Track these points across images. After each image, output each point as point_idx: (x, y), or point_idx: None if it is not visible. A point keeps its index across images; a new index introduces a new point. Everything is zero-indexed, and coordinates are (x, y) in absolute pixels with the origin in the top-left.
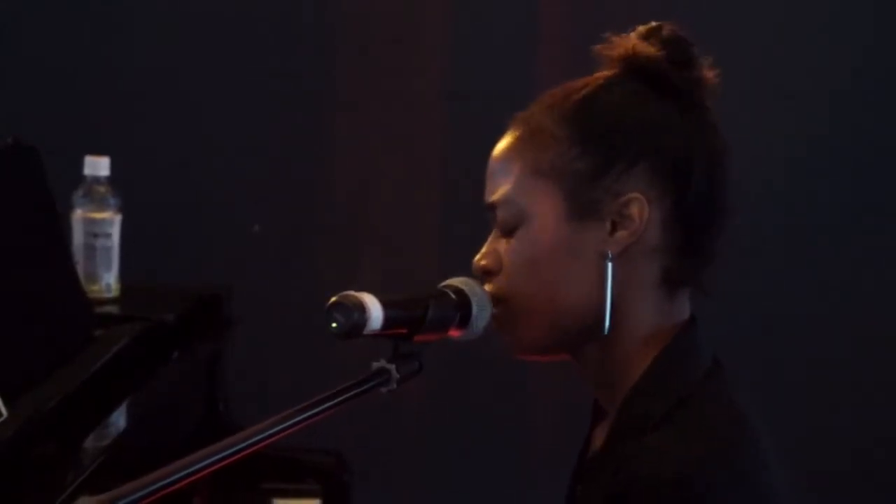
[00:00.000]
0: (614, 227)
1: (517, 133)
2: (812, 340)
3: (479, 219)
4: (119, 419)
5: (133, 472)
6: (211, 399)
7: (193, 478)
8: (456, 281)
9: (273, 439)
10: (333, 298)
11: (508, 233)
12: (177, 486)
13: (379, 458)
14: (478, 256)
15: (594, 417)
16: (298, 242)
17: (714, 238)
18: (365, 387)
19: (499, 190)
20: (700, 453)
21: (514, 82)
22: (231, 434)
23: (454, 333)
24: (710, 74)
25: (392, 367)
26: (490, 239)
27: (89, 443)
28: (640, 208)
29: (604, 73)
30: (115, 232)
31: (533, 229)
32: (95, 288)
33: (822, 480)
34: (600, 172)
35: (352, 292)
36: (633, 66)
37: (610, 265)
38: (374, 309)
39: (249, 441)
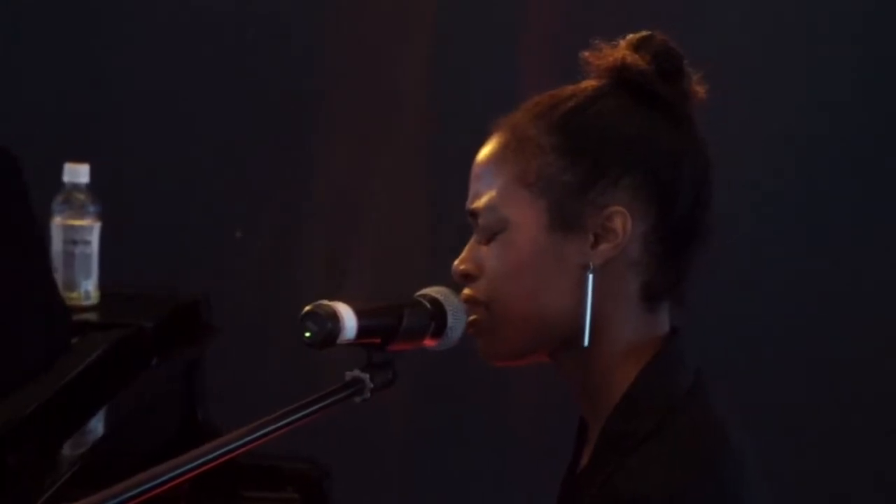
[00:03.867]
0: (597, 240)
1: (502, 140)
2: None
3: (467, 223)
4: (97, 426)
5: (111, 479)
6: (190, 406)
7: (170, 484)
8: (432, 290)
9: (246, 449)
10: (307, 308)
11: (490, 239)
12: (153, 492)
13: (358, 464)
14: (458, 261)
15: (580, 433)
16: (281, 248)
17: (696, 253)
18: (338, 396)
19: (482, 197)
20: (683, 473)
21: (502, 81)
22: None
23: (429, 343)
24: (699, 88)
25: (366, 376)
26: (470, 244)
27: (67, 449)
28: (624, 222)
29: (591, 83)
30: (95, 239)
31: (515, 237)
32: (74, 295)
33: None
34: (586, 185)
35: (325, 301)
36: (622, 77)
37: (591, 277)
38: (348, 318)
39: (221, 450)
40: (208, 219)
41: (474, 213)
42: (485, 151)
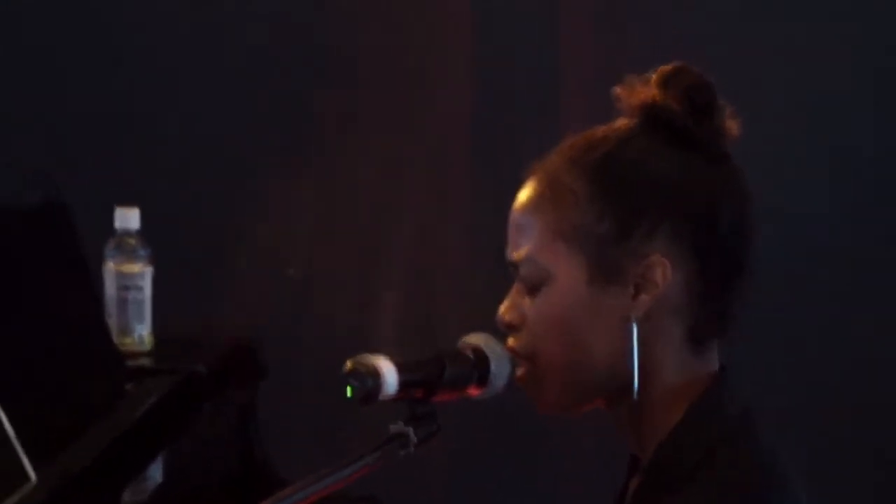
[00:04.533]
0: (637, 291)
1: (538, 188)
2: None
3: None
4: (156, 473)
5: None
6: (246, 448)
7: None
8: (474, 338)
9: None
10: (348, 363)
11: (532, 290)
12: None
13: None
14: (502, 309)
15: (630, 469)
16: (337, 286)
17: (740, 290)
18: (382, 451)
19: (521, 248)
20: None
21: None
22: (268, 483)
23: (473, 392)
24: (732, 124)
25: (409, 429)
26: (513, 292)
27: (127, 497)
28: (664, 271)
29: (624, 122)
30: (147, 284)
31: (556, 290)
32: (128, 341)
33: None
34: (623, 235)
35: (367, 356)
36: (653, 118)
37: (635, 328)
38: (389, 374)
39: None
40: (260, 256)
41: (515, 264)
42: (521, 199)
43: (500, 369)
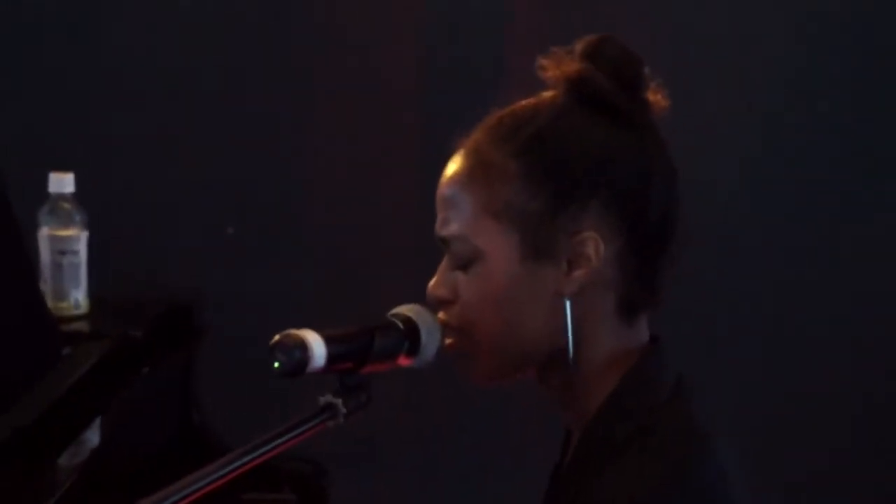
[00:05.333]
0: (570, 267)
1: (467, 164)
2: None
3: None
4: (93, 436)
5: (111, 488)
6: (184, 410)
7: None
8: (404, 309)
9: (216, 484)
10: (275, 337)
11: (463, 267)
12: None
13: (356, 463)
14: (432, 284)
15: (564, 446)
16: (273, 244)
17: (669, 262)
18: (311, 424)
19: (451, 225)
20: (660, 479)
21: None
22: (207, 447)
23: (404, 362)
24: (658, 97)
25: (339, 401)
26: (443, 267)
27: (64, 460)
28: (596, 247)
29: (550, 96)
30: (82, 248)
31: (489, 267)
32: (64, 305)
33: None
34: (555, 212)
35: (293, 330)
36: (580, 91)
37: (568, 304)
38: (317, 346)
39: (188, 489)
40: (199, 216)
41: (445, 240)
42: (449, 175)
43: (430, 339)
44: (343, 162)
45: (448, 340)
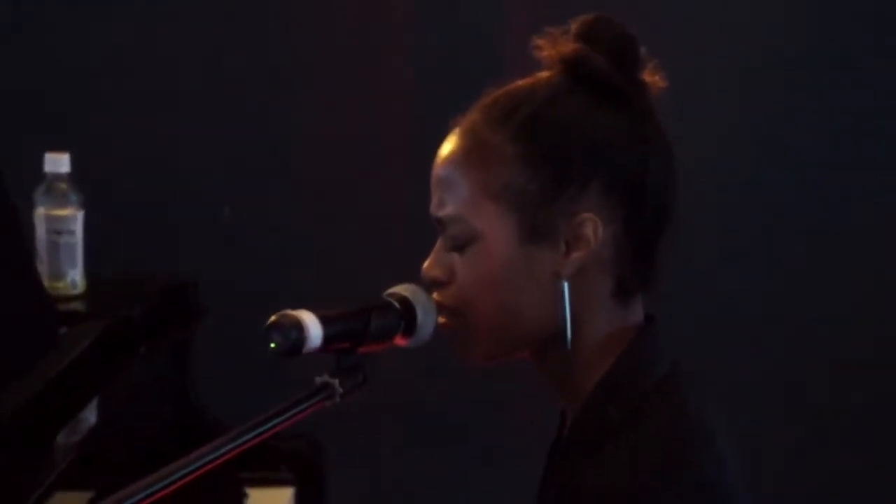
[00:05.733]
0: (568, 248)
1: (464, 145)
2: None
3: None
4: (90, 415)
5: (108, 468)
6: (182, 390)
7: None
8: (400, 288)
9: (214, 464)
10: (272, 318)
11: (459, 248)
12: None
13: (354, 441)
14: (426, 265)
15: (560, 428)
16: (271, 223)
17: (666, 243)
18: (308, 404)
19: (447, 206)
20: (651, 464)
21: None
22: (204, 427)
23: (400, 342)
24: (655, 77)
25: (335, 381)
26: (438, 248)
27: (61, 439)
28: (595, 229)
29: (548, 77)
30: (78, 228)
31: (485, 249)
32: (61, 285)
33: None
34: (553, 195)
35: (290, 311)
36: (577, 71)
37: (566, 286)
38: (313, 327)
39: (183, 471)
40: (196, 197)
41: (441, 221)
42: (445, 155)
43: (426, 318)
44: (338, 143)
45: (442, 320)
